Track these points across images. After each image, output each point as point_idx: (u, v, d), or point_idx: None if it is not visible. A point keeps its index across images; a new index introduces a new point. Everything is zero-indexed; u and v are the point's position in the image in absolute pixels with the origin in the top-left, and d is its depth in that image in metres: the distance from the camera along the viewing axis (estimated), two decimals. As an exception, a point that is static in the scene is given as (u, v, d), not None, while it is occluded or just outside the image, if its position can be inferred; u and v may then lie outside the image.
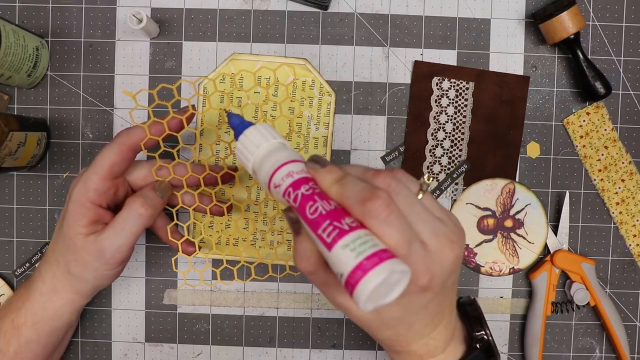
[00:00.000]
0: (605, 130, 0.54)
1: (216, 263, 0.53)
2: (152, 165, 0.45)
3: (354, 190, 0.32)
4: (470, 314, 0.40)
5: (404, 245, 0.31)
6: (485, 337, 0.39)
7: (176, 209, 0.46)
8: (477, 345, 0.38)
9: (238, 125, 0.37)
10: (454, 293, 0.37)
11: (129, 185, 0.46)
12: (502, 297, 0.54)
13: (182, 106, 0.52)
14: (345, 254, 0.29)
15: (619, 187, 0.54)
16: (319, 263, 0.34)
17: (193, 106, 0.44)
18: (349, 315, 0.35)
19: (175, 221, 0.46)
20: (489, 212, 0.53)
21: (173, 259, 0.49)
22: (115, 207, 0.45)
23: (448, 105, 0.53)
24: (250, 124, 0.38)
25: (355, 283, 0.29)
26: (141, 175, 0.46)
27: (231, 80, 0.52)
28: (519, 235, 0.53)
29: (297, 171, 0.34)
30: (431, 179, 0.35)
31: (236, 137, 0.37)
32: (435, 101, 0.53)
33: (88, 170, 0.43)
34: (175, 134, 0.44)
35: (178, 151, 0.47)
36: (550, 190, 0.54)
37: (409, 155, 0.53)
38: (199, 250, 0.47)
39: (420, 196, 0.35)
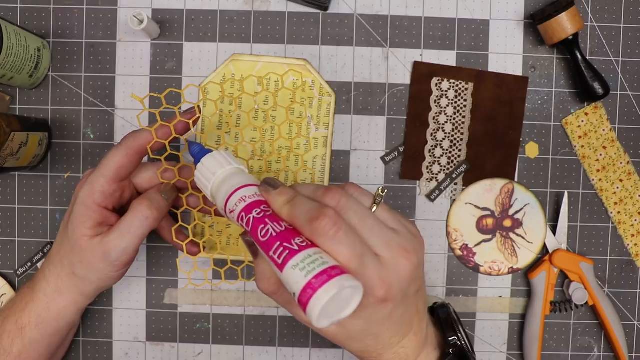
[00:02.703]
0: (604, 130, 0.54)
1: (218, 263, 0.54)
2: (158, 168, 0.45)
3: (303, 210, 0.32)
4: (442, 319, 0.41)
5: (355, 260, 0.31)
6: (458, 342, 0.39)
7: (181, 210, 0.46)
8: (451, 351, 0.38)
9: (197, 153, 0.39)
10: (420, 300, 0.37)
11: (135, 188, 0.46)
12: (501, 297, 0.55)
13: (182, 109, 0.52)
14: (296, 274, 0.30)
15: (617, 187, 0.54)
16: (279, 283, 0.34)
17: (199, 107, 0.44)
18: (318, 332, 0.36)
19: (180, 223, 0.46)
20: (488, 212, 0.54)
21: (178, 259, 0.49)
22: (120, 209, 0.45)
23: (447, 106, 0.53)
24: (209, 151, 0.39)
25: (307, 301, 0.29)
26: (147, 178, 0.46)
27: (231, 82, 0.52)
28: (518, 235, 0.54)
29: (249, 195, 0.35)
30: (385, 191, 0.36)
31: (195, 165, 0.39)
32: (435, 102, 0.53)
33: (95, 173, 0.43)
34: (181, 136, 0.44)
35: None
36: (549, 190, 0.54)
37: (409, 155, 0.54)
38: (204, 250, 0.47)
39: (374, 209, 0.35)
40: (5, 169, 0.48)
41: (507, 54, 0.54)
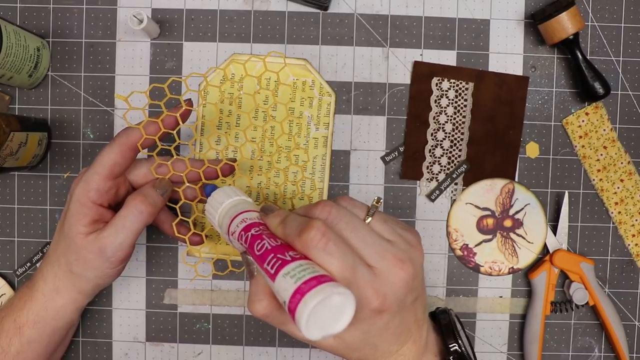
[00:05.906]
0: (604, 130, 0.54)
1: (219, 261, 0.54)
2: (152, 164, 0.45)
3: (294, 225, 0.33)
4: (442, 325, 0.40)
5: (347, 270, 0.31)
6: (458, 348, 0.39)
7: (179, 204, 0.46)
8: (451, 358, 0.38)
9: (210, 191, 0.43)
10: (419, 309, 0.37)
11: (130, 184, 0.46)
12: (501, 297, 0.54)
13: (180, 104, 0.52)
14: (286, 281, 0.30)
15: (618, 187, 0.54)
16: (272, 305, 0.35)
17: (188, 101, 0.44)
18: (316, 345, 0.36)
19: (180, 217, 0.46)
20: (488, 212, 0.54)
21: (182, 253, 0.49)
22: (116, 206, 0.45)
23: (447, 106, 0.53)
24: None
25: (295, 307, 0.29)
26: (141, 174, 0.46)
27: (231, 81, 0.52)
28: (518, 235, 0.54)
29: (250, 218, 0.37)
30: (380, 201, 0.36)
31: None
32: (435, 101, 0.53)
33: (89, 170, 0.43)
34: (171, 131, 0.44)
35: (176, 148, 0.47)
36: (549, 190, 0.54)
37: (409, 155, 0.53)
38: (206, 239, 0.47)
39: (368, 220, 0.35)
40: (4, 168, 0.48)
41: (507, 53, 0.54)
